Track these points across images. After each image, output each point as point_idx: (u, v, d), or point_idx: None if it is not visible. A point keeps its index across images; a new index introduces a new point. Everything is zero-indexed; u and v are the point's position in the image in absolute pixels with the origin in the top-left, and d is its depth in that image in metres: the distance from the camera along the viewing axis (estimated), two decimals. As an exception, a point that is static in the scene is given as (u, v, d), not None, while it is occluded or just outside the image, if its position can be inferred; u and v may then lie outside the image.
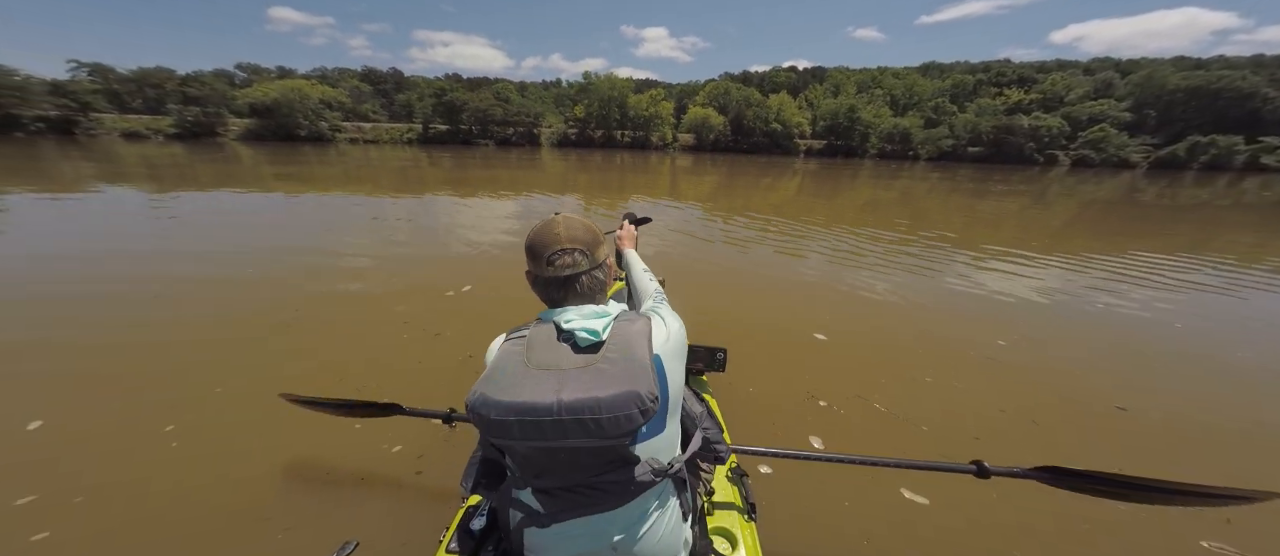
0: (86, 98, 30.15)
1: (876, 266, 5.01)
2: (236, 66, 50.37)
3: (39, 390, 2.14)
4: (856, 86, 53.41)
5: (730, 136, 43.43)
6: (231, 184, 9.69)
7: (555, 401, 0.59)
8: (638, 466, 0.67)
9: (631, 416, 0.59)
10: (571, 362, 0.64)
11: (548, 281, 0.75)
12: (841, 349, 2.95)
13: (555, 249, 0.74)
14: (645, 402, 0.60)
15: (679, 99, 52.66)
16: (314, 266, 4.30)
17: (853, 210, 9.51)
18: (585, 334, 0.66)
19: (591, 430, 0.59)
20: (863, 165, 29.59)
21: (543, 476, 0.68)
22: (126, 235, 5.31)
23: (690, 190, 11.98)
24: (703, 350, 1.46)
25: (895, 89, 50.58)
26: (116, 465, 1.72)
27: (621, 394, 0.60)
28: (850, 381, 2.48)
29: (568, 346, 0.67)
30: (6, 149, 16.49)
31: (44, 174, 10.15)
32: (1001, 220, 9.14)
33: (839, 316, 3.49)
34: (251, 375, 2.35)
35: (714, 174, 17.39)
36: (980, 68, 55.85)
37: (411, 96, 44.79)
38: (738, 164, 24.39)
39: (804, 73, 67.89)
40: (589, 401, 0.59)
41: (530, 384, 0.62)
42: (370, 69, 59.14)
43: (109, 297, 3.36)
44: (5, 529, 1.42)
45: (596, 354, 0.65)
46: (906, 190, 14.22)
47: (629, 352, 0.65)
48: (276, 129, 32.55)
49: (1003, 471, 0.98)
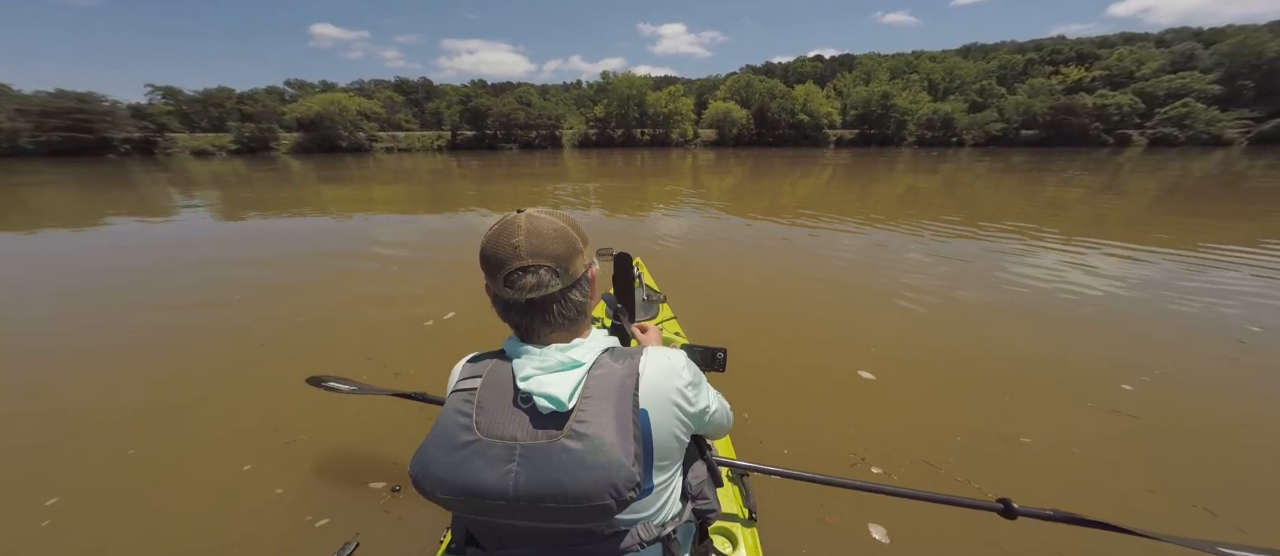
0: (162, 119, 33.57)
1: (926, 269, 4.14)
2: (285, 83, 54.46)
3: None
4: (889, 73, 50.59)
5: (754, 130, 41.96)
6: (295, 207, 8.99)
7: (509, 485, 0.49)
8: (624, 538, 0.56)
9: (605, 506, 0.48)
10: (532, 434, 0.51)
11: (508, 304, 0.58)
12: (896, 393, 2.18)
13: (514, 266, 0.55)
14: (622, 492, 0.48)
15: (699, 94, 51.67)
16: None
17: (891, 202, 8.59)
18: (545, 402, 0.52)
19: (553, 517, 0.50)
20: (900, 153, 27.68)
21: (508, 548, 0.58)
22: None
23: (713, 186, 11.26)
24: (702, 350, 1.41)
25: (933, 73, 47.38)
26: (136, 444, 1.85)
27: (591, 483, 0.48)
28: (912, 441, 1.84)
29: (524, 414, 0.52)
30: (106, 171, 17.61)
31: (146, 202, 9.60)
32: (1073, 205, 7.77)
33: (888, 344, 2.66)
34: (262, 374, 2.38)
35: (738, 169, 16.63)
36: (1030, 46, 51.26)
37: (440, 104, 46.59)
38: (763, 158, 23.43)
39: (831, 61, 65.06)
40: (551, 490, 0.48)
41: (478, 460, 0.50)
42: (402, 79, 62.23)
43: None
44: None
45: (560, 429, 0.51)
46: (951, 178, 12.91)
47: (604, 421, 0.51)
48: (320, 141, 34.41)
49: (1033, 513, 0.88)
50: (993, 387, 2.25)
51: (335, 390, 1.45)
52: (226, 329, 3.02)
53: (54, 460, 1.77)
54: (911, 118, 39.55)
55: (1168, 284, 3.66)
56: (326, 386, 1.47)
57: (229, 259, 4.89)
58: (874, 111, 40.17)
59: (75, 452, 1.81)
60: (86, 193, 11.26)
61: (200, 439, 1.88)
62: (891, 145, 38.55)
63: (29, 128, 27.10)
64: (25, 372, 2.47)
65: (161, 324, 3.10)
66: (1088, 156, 22.30)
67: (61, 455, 1.80)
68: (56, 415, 2.05)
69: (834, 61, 64.27)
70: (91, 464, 1.76)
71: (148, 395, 2.21)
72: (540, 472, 0.49)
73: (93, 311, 3.39)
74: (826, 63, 64.68)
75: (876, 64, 54.32)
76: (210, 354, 2.66)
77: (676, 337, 1.79)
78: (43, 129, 27.29)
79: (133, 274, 4.44)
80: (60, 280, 4.25)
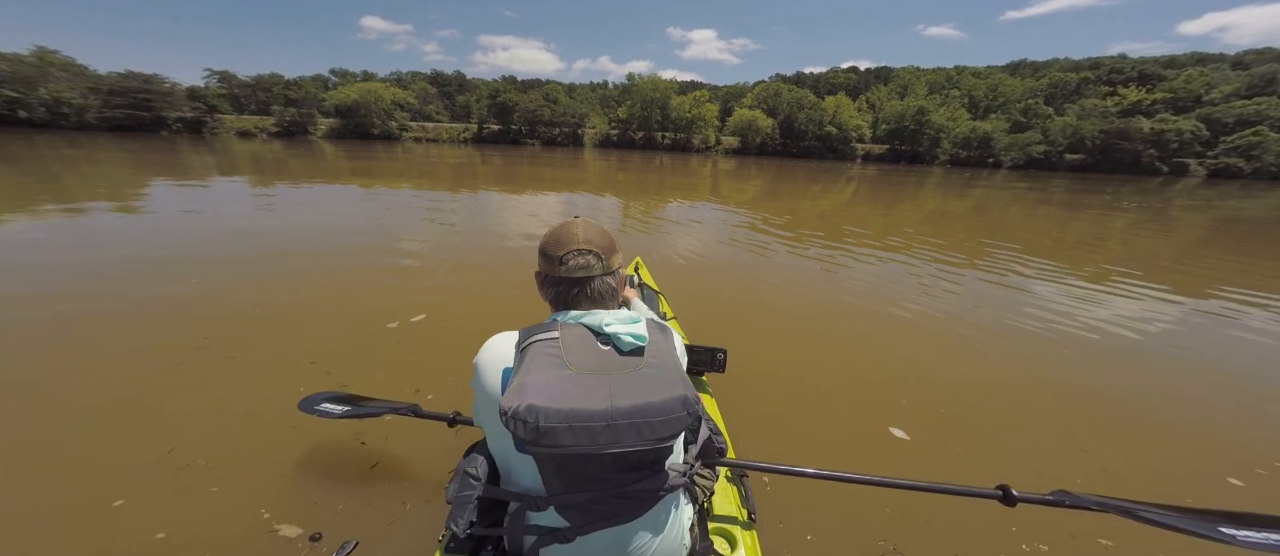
0: (213, 101, 35.87)
1: (957, 297, 3.79)
2: (330, 71, 57.24)
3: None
4: (928, 87, 48.59)
5: (779, 139, 41.12)
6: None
7: (608, 406, 0.59)
8: (665, 478, 0.69)
9: (681, 418, 0.61)
10: (619, 366, 0.65)
11: (558, 281, 0.75)
12: (933, 455, 1.82)
13: (570, 248, 0.74)
14: (692, 406, 0.62)
15: (724, 101, 51.20)
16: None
17: (915, 221, 8.05)
18: (631, 338, 0.68)
19: (644, 434, 0.60)
20: (930, 172, 26.38)
21: (574, 488, 0.66)
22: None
23: (731, 195, 10.93)
24: (702, 350, 1.46)
25: (976, 89, 45.23)
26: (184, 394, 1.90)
27: (672, 398, 0.61)
28: (951, 535, 1.45)
29: (612, 350, 0.67)
30: (158, 145, 18.70)
31: (185, 169, 11.00)
32: (1113, 240, 7.12)
33: (922, 389, 2.27)
34: (265, 377, 2.17)
35: (758, 178, 16.22)
36: (1086, 64, 48.17)
37: (470, 98, 47.87)
38: (785, 168, 22.91)
39: (866, 73, 63.22)
40: (642, 406, 0.60)
41: (579, 389, 0.61)
42: (437, 72, 64.31)
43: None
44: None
45: (641, 358, 0.66)
46: (982, 202, 12.08)
47: (668, 358, 0.68)
48: (354, 127, 35.56)
49: (1032, 498, 0.91)
50: (985, 408, 2.15)
51: (328, 415, 1.40)
52: (164, 318, 2.68)
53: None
54: (947, 135, 37.85)
55: (1207, 331, 3.14)
56: (318, 411, 1.41)
57: (188, 242, 4.47)
58: (907, 127, 38.62)
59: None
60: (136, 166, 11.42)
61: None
62: (922, 163, 36.93)
63: (96, 104, 29.45)
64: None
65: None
66: (1137, 184, 20.81)
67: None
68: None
69: (869, 74, 62.47)
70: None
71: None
72: (631, 391, 0.61)
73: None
74: (861, 75, 62.89)
75: (914, 77, 52.40)
76: (128, 350, 2.29)
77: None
78: (109, 106, 29.54)
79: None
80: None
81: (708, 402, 1.47)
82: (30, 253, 4.05)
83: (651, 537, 0.71)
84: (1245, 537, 0.75)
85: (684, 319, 2.29)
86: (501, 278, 3.96)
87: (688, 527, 0.79)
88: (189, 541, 1.33)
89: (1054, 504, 0.88)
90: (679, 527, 0.76)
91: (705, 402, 1.47)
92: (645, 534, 0.71)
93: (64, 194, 6.86)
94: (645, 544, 0.71)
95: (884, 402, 2.15)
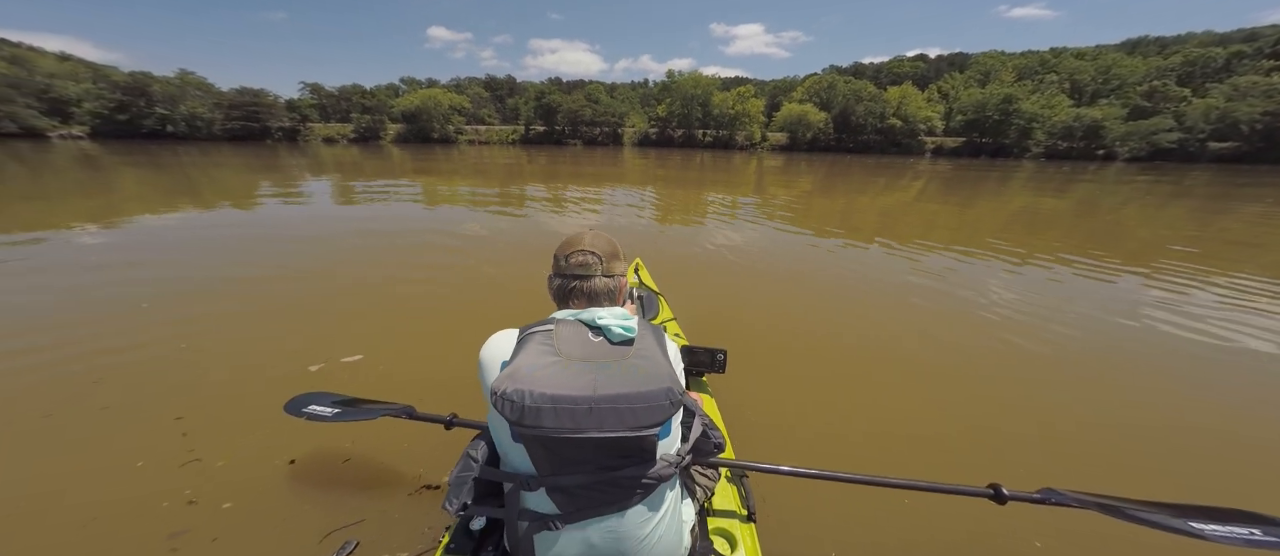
0: (306, 111, 41.13)
1: (995, 291, 3.24)
2: (400, 80, 63.36)
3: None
4: (1016, 73, 42.39)
5: (833, 134, 37.79)
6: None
7: (592, 392, 0.62)
8: (654, 465, 0.70)
9: (663, 406, 0.63)
10: (606, 356, 0.68)
11: (560, 276, 0.81)
12: (934, 454, 1.72)
13: (575, 249, 0.81)
14: (675, 395, 0.64)
15: (771, 96, 48.59)
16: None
17: (995, 224, 6.52)
18: (621, 330, 0.71)
19: (626, 420, 0.62)
20: (1019, 166, 22.59)
21: (563, 472, 0.68)
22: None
23: (778, 193, 9.67)
24: (702, 351, 1.45)
25: (1081, 72, 38.70)
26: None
27: (655, 388, 0.64)
28: (945, 531, 1.38)
29: (603, 340, 0.71)
30: (262, 152, 20.73)
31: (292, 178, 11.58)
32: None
33: (928, 389, 2.07)
34: (258, 372, 2.16)
35: (809, 175, 14.76)
36: (1236, 37, 39.00)
37: (519, 100, 50.18)
38: (840, 164, 20.83)
39: (937, 61, 56.98)
40: (625, 393, 0.63)
41: (565, 375, 0.64)
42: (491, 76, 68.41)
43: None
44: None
45: (630, 348, 0.70)
46: (1088, 200, 9.57)
47: (655, 353, 0.70)
48: (417, 132, 38.26)
49: (1022, 497, 0.94)
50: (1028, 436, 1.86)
51: (318, 418, 1.35)
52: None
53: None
54: (1040, 125, 32.44)
55: None
56: (305, 414, 1.37)
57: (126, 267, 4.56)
58: (989, 117, 33.67)
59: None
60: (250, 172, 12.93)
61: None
62: (1008, 157, 31.93)
63: (220, 117, 35.01)
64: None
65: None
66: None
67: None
68: None
69: (941, 61, 56.27)
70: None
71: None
72: (615, 379, 0.64)
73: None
74: (931, 62, 56.87)
75: (998, 63, 46.27)
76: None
77: (676, 338, 1.76)
78: (230, 118, 34.90)
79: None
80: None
81: (708, 403, 1.46)
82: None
83: (647, 530, 0.72)
84: (1212, 532, 0.79)
85: (684, 319, 2.26)
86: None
87: (689, 528, 0.81)
88: (190, 541, 1.32)
89: (1041, 501, 0.91)
90: (677, 525, 0.77)
91: (705, 402, 1.45)
92: (640, 526, 0.71)
93: (214, 194, 8.08)
94: (642, 536, 0.71)
95: (887, 403, 2.06)
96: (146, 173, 11.03)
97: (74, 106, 30.99)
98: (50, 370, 2.12)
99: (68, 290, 3.15)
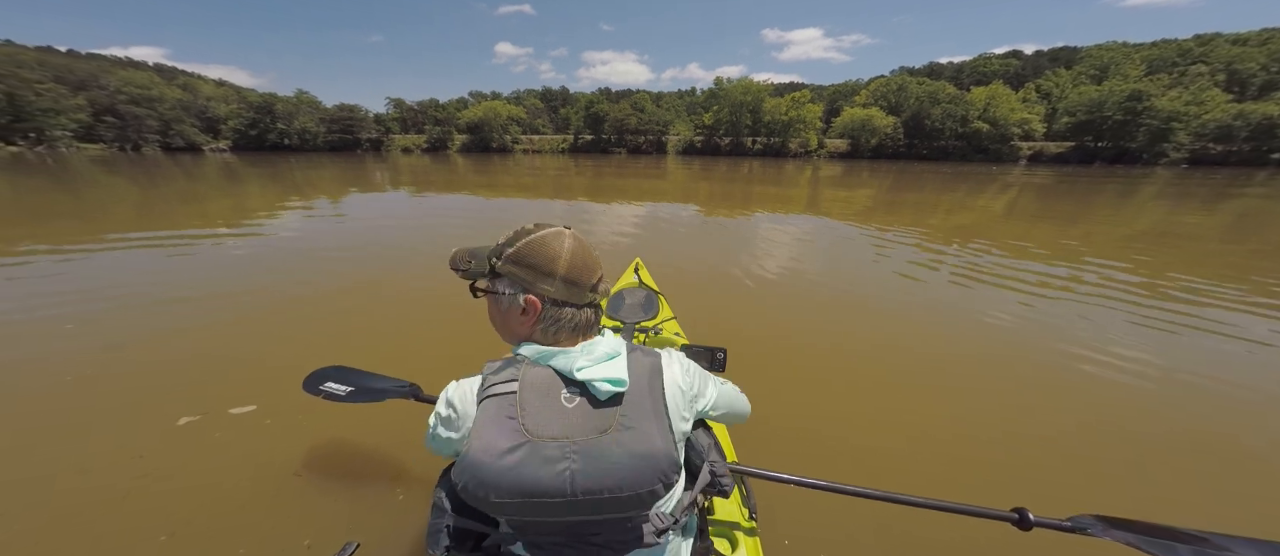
0: (389, 123, 46.74)
1: (1035, 315, 2.81)
2: (469, 94, 69.54)
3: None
4: (1145, 65, 35.37)
5: (903, 140, 34.05)
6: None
7: (566, 483, 0.52)
8: (645, 525, 0.60)
9: (654, 491, 0.54)
10: (583, 431, 0.54)
11: (570, 304, 0.61)
12: (947, 469, 1.60)
13: (599, 273, 0.64)
14: (669, 476, 0.55)
15: (830, 101, 45.57)
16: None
17: (1110, 245, 4.96)
18: (608, 385, 0.56)
19: (608, 508, 0.54)
20: (1149, 175, 18.23)
21: (544, 535, 0.60)
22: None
23: (833, 208, 8.08)
24: (702, 350, 1.36)
25: (1243, 60, 31.15)
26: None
27: (644, 467, 0.54)
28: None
29: (582, 402, 0.56)
30: (353, 161, 22.53)
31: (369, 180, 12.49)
32: None
33: (940, 400, 1.98)
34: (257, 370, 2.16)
35: (871, 185, 12.83)
36: None
37: (570, 110, 52.47)
38: (910, 173, 18.50)
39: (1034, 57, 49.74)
40: (608, 482, 0.53)
41: (534, 461, 0.52)
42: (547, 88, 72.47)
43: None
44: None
45: (618, 409, 0.56)
46: (1252, 212, 7.21)
47: (646, 404, 0.57)
48: (479, 142, 41.45)
49: (1049, 524, 0.87)
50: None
51: (334, 396, 1.30)
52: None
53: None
54: (1183, 125, 26.54)
55: None
56: (321, 392, 1.31)
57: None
58: (1108, 117, 28.24)
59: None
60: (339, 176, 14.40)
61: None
62: (1135, 163, 26.40)
63: (323, 130, 41.07)
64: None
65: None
66: None
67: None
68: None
69: (1040, 57, 49.03)
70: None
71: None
72: (595, 466, 0.53)
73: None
74: (1027, 59, 49.80)
75: (1119, 55, 39.11)
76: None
77: (676, 338, 1.74)
78: (330, 131, 40.63)
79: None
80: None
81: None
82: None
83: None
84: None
85: (684, 319, 2.15)
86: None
87: (689, 546, 0.70)
88: (190, 542, 1.30)
89: (1072, 530, 0.84)
90: (677, 547, 0.67)
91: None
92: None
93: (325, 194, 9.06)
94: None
95: (895, 411, 1.95)
96: (266, 180, 12.28)
97: (222, 124, 38.13)
98: (51, 373, 2.13)
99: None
